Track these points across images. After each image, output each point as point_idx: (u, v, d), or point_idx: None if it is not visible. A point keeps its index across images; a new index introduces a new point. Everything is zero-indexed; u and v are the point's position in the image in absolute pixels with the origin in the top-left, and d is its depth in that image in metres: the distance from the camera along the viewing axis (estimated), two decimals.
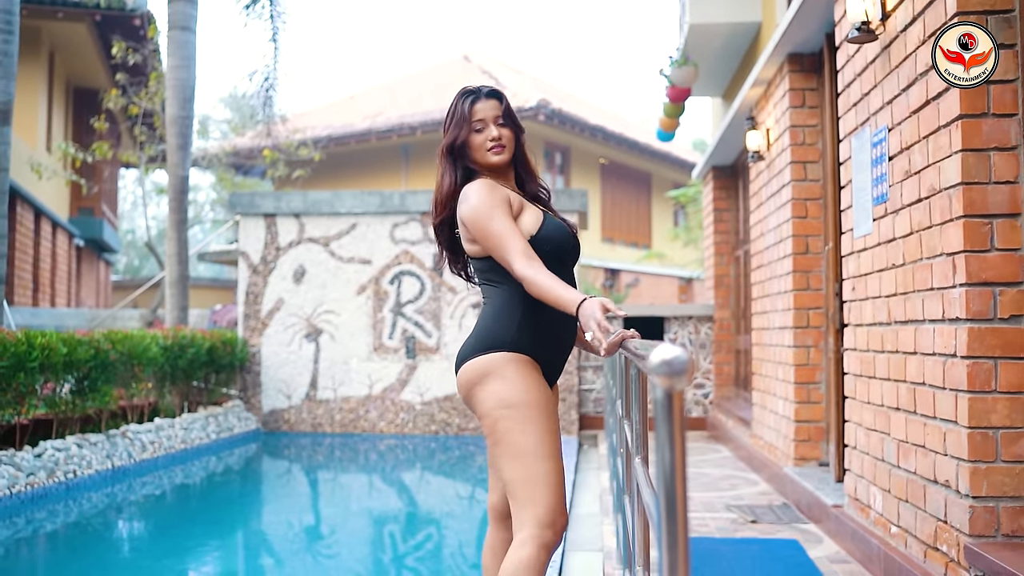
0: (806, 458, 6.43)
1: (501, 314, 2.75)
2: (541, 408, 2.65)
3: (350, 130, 20.93)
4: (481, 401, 2.69)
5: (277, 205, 11.43)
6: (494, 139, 2.80)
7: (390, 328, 11.34)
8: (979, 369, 3.44)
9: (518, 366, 2.68)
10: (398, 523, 7.46)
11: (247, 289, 11.44)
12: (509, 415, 2.62)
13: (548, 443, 2.62)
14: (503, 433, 2.63)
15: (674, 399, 1.30)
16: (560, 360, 2.85)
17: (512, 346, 2.70)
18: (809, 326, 6.42)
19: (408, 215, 11.39)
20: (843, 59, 4.97)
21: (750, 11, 7.89)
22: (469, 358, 2.74)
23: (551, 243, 2.75)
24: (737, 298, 10.43)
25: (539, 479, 2.58)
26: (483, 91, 2.85)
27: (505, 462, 2.63)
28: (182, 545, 6.35)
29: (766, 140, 7.15)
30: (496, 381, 2.66)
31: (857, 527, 4.69)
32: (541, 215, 2.81)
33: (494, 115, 2.82)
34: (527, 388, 2.65)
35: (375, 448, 10.83)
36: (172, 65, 11.63)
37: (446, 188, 2.85)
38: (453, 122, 2.82)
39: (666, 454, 1.30)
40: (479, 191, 2.73)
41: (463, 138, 2.81)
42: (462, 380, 2.75)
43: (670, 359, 1.24)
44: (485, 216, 2.68)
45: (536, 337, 2.74)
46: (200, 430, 9.75)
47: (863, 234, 4.66)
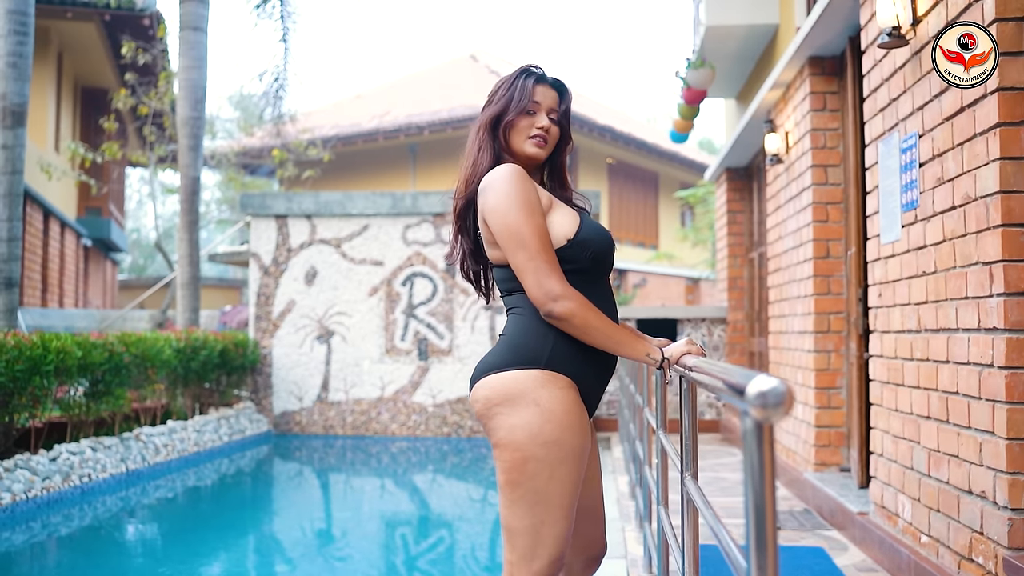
0: (827, 463, 6.39)
1: (535, 323, 2.34)
2: (578, 452, 2.27)
3: (357, 130, 20.89)
4: (505, 430, 2.27)
5: (288, 206, 11.41)
6: (541, 128, 2.47)
7: (402, 330, 11.32)
8: (1018, 380, 3.40)
9: (556, 391, 2.28)
10: (410, 526, 7.43)
11: (258, 290, 11.42)
12: (542, 456, 2.22)
13: (571, 495, 2.27)
14: (528, 476, 2.23)
15: (765, 431, 1.27)
16: (603, 385, 2.47)
17: (548, 363, 2.30)
18: (830, 331, 6.38)
19: (420, 216, 11.36)
20: (869, 63, 4.93)
21: (767, 13, 7.85)
22: (491, 371, 2.34)
23: (591, 248, 2.37)
24: (751, 300, 10.39)
25: (548, 537, 2.25)
26: (548, 77, 2.54)
27: (516, 506, 2.26)
28: (196, 550, 6.33)
29: (785, 143, 7.10)
30: (528, 409, 2.25)
31: (885, 535, 4.65)
32: (577, 216, 2.43)
33: (550, 106, 2.50)
34: (569, 425, 2.26)
35: (387, 450, 10.81)
36: (184, 66, 11.62)
37: (482, 164, 2.49)
38: (507, 96, 2.49)
39: (758, 489, 1.27)
40: (508, 176, 2.35)
41: (513, 115, 2.47)
42: (480, 395, 2.34)
43: (767, 391, 1.20)
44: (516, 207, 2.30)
45: (577, 353, 2.34)
46: (212, 432, 9.73)
47: (891, 240, 4.62)
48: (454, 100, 20.83)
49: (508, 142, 2.51)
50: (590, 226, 2.43)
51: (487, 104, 2.56)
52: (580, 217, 2.44)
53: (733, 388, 1.31)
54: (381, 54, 79.35)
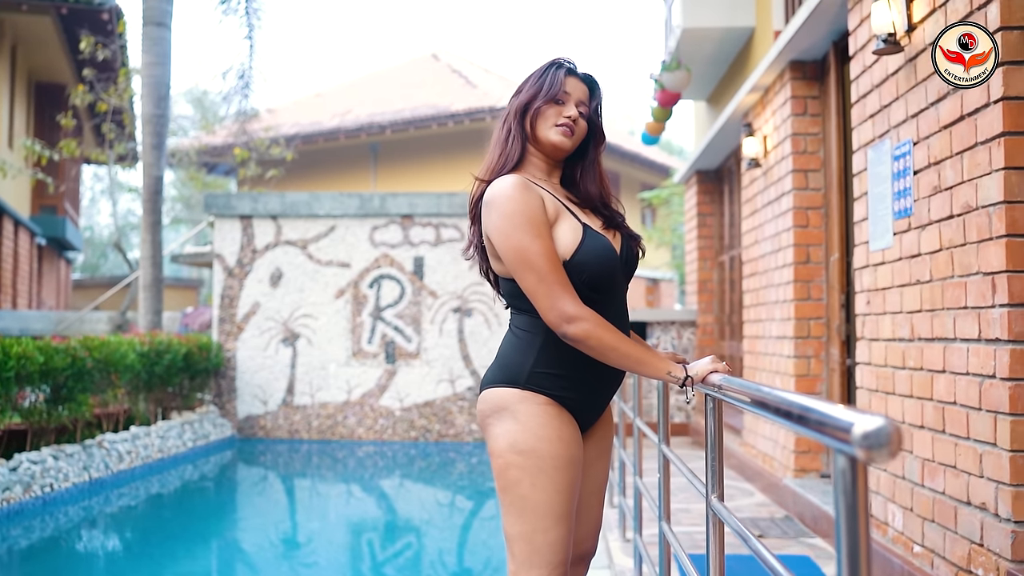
0: (806, 469, 6.37)
1: (521, 344, 2.40)
2: (559, 460, 2.31)
3: (318, 128, 20.66)
4: (492, 438, 2.37)
5: (254, 207, 11.22)
6: (568, 117, 2.43)
7: (369, 332, 11.18)
8: (1022, 391, 3.37)
9: (533, 407, 2.33)
10: (377, 532, 7.34)
11: (222, 292, 11.22)
12: (520, 463, 2.30)
13: (560, 502, 2.30)
14: (512, 482, 2.31)
15: (860, 471, 1.19)
16: (600, 400, 2.48)
17: (527, 384, 2.35)
18: (810, 336, 6.36)
19: (388, 217, 11.23)
20: (858, 69, 4.90)
21: (744, 16, 7.82)
22: (487, 386, 2.43)
23: (586, 273, 2.32)
24: (721, 303, 10.38)
25: (543, 544, 2.29)
26: (580, 71, 2.51)
27: (508, 513, 2.33)
28: (161, 561, 6.18)
29: (763, 147, 7.08)
30: (508, 420, 2.34)
31: (875, 544, 4.62)
32: (581, 229, 2.35)
33: (579, 98, 2.47)
34: (545, 436, 2.31)
35: (353, 455, 10.67)
36: (146, 62, 11.37)
37: (511, 152, 2.45)
38: (537, 84, 2.46)
39: (853, 533, 1.19)
40: (511, 194, 2.30)
41: (541, 102, 2.43)
42: (479, 409, 2.44)
43: (873, 431, 1.12)
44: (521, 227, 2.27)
45: (561, 375, 2.37)
46: (176, 438, 9.53)
47: (882, 247, 4.58)
48: (416, 99, 20.67)
49: (534, 130, 2.45)
50: (592, 245, 2.35)
51: (516, 93, 2.52)
52: (584, 233, 2.36)
53: (827, 424, 1.23)
54: (341, 52, 78.86)
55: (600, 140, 2.56)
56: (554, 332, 2.29)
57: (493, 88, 20.77)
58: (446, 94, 20.29)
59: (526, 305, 2.38)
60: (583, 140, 2.54)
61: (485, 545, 7.05)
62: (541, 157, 2.50)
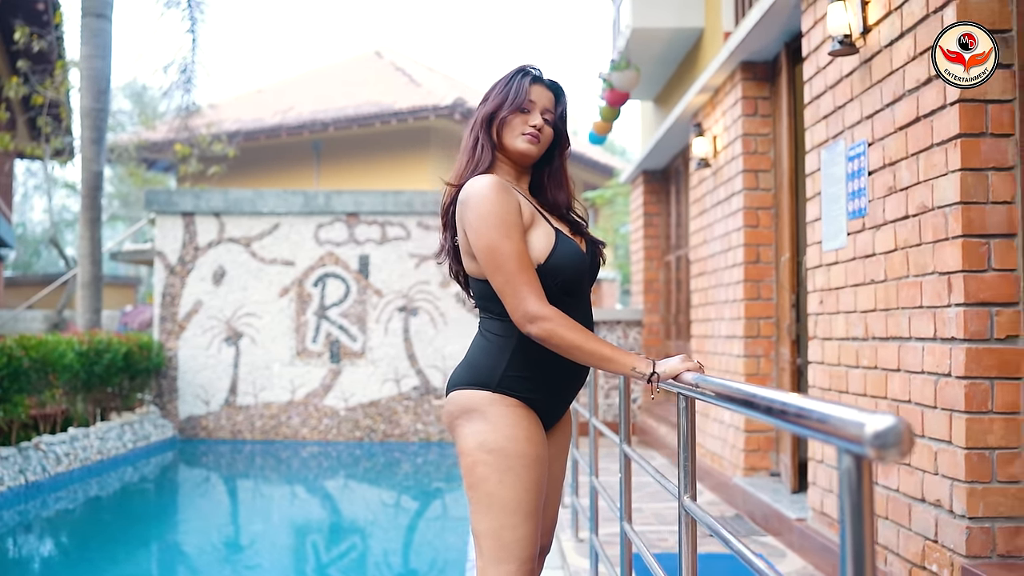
0: (756, 468, 6.41)
1: (493, 347, 2.44)
2: (527, 459, 2.37)
3: (260, 125, 20.36)
4: (461, 438, 2.42)
5: (196, 204, 11.03)
6: (534, 126, 2.48)
7: (314, 332, 11.05)
8: (976, 390, 3.41)
9: (504, 408, 2.39)
10: (322, 533, 7.26)
11: (164, 291, 11.01)
12: (488, 461, 2.35)
13: (527, 500, 2.35)
14: (479, 479, 2.36)
15: (865, 471, 1.17)
16: (565, 401, 2.56)
17: (498, 387, 2.40)
18: (760, 336, 6.41)
19: (333, 215, 11.11)
20: (812, 70, 4.94)
21: (693, 17, 7.86)
22: (454, 388, 2.47)
23: (559, 277, 2.39)
24: (667, 303, 10.44)
25: (511, 541, 2.34)
26: (545, 79, 2.56)
27: (476, 510, 2.38)
28: (101, 566, 6.04)
29: (713, 147, 7.12)
30: (478, 421, 2.39)
31: (827, 542, 4.66)
32: (554, 235, 2.42)
33: (545, 106, 2.51)
34: (513, 436, 2.36)
35: (297, 455, 10.54)
36: (86, 55, 11.10)
37: (476, 161, 2.49)
38: (504, 93, 2.50)
39: (857, 534, 1.17)
40: (487, 194, 2.34)
41: (507, 112, 2.47)
42: (446, 410, 2.49)
43: (884, 430, 1.10)
44: (494, 227, 2.31)
45: (531, 378, 2.43)
46: (116, 439, 9.32)
47: (835, 247, 4.62)
48: (359, 97, 20.48)
49: (501, 138, 2.51)
50: (564, 250, 2.41)
51: (482, 101, 2.56)
52: (556, 238, 2.42)
53: (831, 424, 1.21)
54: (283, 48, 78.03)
55: (565, 146, 2.63)
56: (524, 337, 2.37)
57: (437, 87, 20.66)
58: (390, 92, 20.14)
59: (497, 308, 2.43)
60: (549, 146, 2.60)
61: (431, 546, 7.01)
62: (509, 163, 2.55)
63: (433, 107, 18.07)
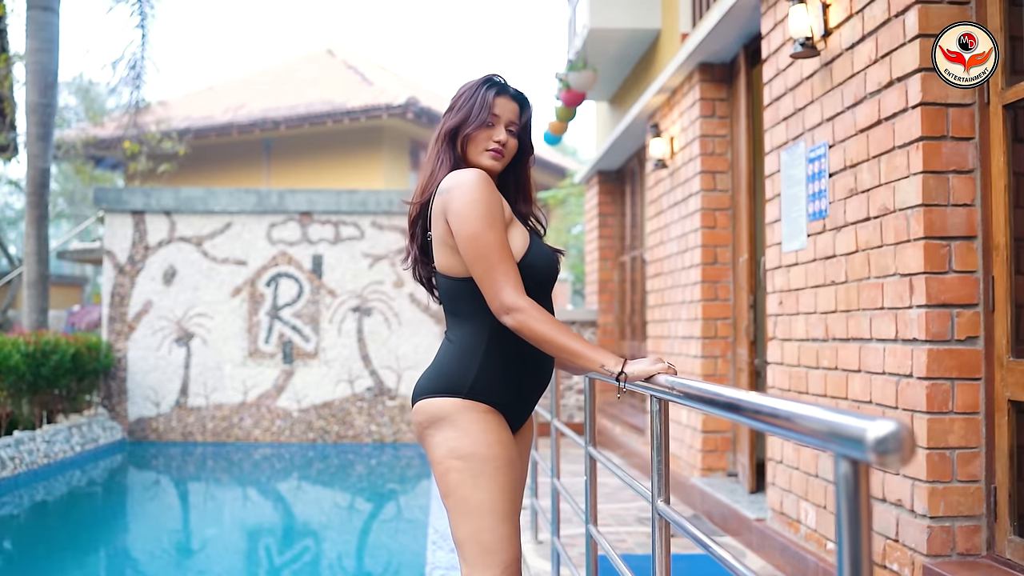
0: (713, 468, 6.44)
1: (462, 354, 2.44)
2: (498, 462, 2.38)
3: (211, 123, 20.09)
4: (432, 447, 2.42)
5: (146, 202, 10.85)
6: (498, 142, 2.49)
7: (266, 332, 10.92)
8: (937, 390, 3.45)
9: (474, 415, 2.40)
10: (275, 537, 7.18)
11: (112, 290, 10.82)
12: (460, 467, 2.36)
13: (503, 501, 2.37)
14: (453, 486, 2.37)
15: (863, 475, 1.16)
16: (531, 402, 2.57)
17: (469, 394, 2.41)
18: (717, 336, 6.44)
19: (286, 215, 10.99)
20: (771, 72, 4.96)
21: (650, 18, 7.88)
22: (422, 396, 2.46)
23: (536, 275, 2.43)
24: (622, 303, 10.46)
25: (492, 543, 2.34)
26: (510, 89, 2.55)
27: (454, 517, 2.38)
28: (48, 574, 5.89)
29: (670, 148, 7.14)
30: (447, 428, 2.39)
31: (787, 542, 4.68)
32: (528, 236, 2.48)
33: (510, 119, 2.52)
34: (484, 441, 2.37)
35: (250, 458, 10.42)
36: (32, 48, 10.85)
37: (439, 174, 2.48)
38: (468, 106, 2.49)
39: (854, 540, 1.16)
40: (476, 183, 2.35)
41: (473, 128, 2.47)
42: (414, 420, 2.49)
43: (886, 436, 1.09)
44: (480, 217, 2.32)
45: (501, 382, 2.44)
46: (63, 442, 9.14)
47: (795, 249, 4.65)
48: (311, 95, 20.29)
49: (465, 153, 2.52)
50: (538, 251, 2.47)
51: (447, 112, 2.55)
52: (530, 239, 2.48)
53: (824, 430, 1.19)
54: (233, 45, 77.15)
55: (529, 154, 2.64)
56: (494, 341, 2.41)
57: (390, 85, 20.54)
58: (341, 91, 19.98)
59: (468, 308, 2.45)
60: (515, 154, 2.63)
61: (386, 548, 6.96)
62: None
63: (386, 106, 17.96)
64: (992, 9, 3.45)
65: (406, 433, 10.90)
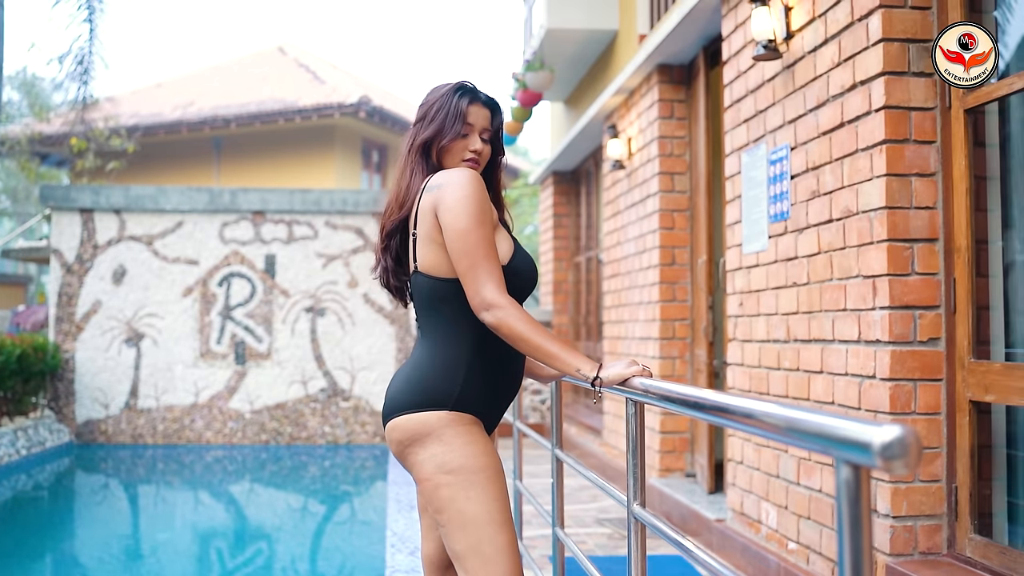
0: (671, 469, 6.46)
1: (447, 363, 2.38)
2: (489, 472, 2.34)
3: (160, 120, 19.80)
4: (418, 465, 2.36)
5: (95, 200, 10.65)
6: (474, 151, 2.47)
7: (218, 332, 10.78)
8: (900, 391, 3.48)
9: (460, 428, 2.35)
10: (227, 541, 7.09)
11: (60, 290, 10.60)
12: (450, 482, 2.31)
13: (497, 510, 2.32)
14: (446, 501, 2.31)
15: (864, 481, 1.15)
16: (504, 408, 2.54)
17: (455, 405, 2.35)
18: (675, 337, 6.46)
19: (239, 214, 10.85)
20: (732, 74, 4.98)
21: (608, 19, 7.89)
22: (400, 412, 2.38)
23: (519, 279, 2.42)
24: (577, 304, 10.48)
25: (491, 552, 2.29)
26: (481, 95, 2.53)
27: (451, 532, 2.32)
28: None
29: (628, 149, 7.15)
30: (434, 444, 2.33)
31: (748, 542, 4.71)
32: (512, 241, 2.48)
33: (483, 126, 2.50)
34: (472, 453, 2.33)
35: (201, 460, 10.27)
36: None
37: (414, 188, 2.45)
38: (442, 116, 2.46)
39: (856, 545, 1.15)
40: (469, 180, 2.33)
41: (448, 140, 2.45)
42: (393, 438, 2.40)
43: (890, 442, 1.08)
44: (472, 214, 2.29)
45: (483, 391, 2.41)
46: (8, 446, 8.94)
47: (756, 250, 4.67)
48: (262, 93, 20.09)
49: (441, 164, 2.50)
50: (522, 256, 2.47)
51: (419, 121, 2.53)
52: (515, 244, 2.47)
53: (834, 435, 1.18)
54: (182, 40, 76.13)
55: (501, 156, 2.63)
56: (478, 347, 2.37)
57: (342, 84, 20.40)
58: (293, 89, 19.80)
59: (450, 309, 2.39)
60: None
61: (342, 551, 6.89)
62: None
63: (338, 105, 17.84)
64: (953, 15, 3.49)
65: (360, 434, 10.82)
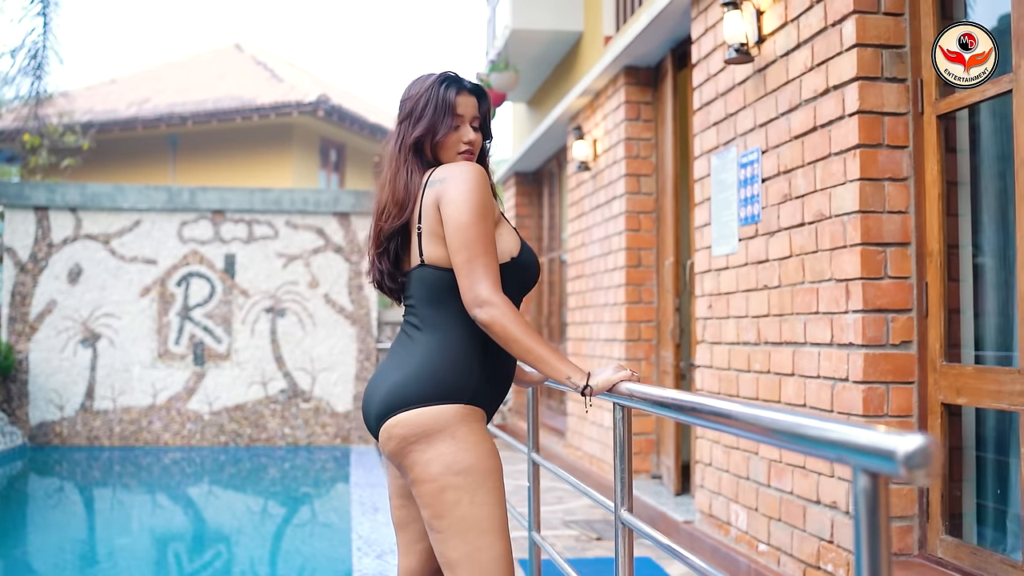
0: (637, 471, 6.48)
1: (459, 355, 2.28)
2: (497, 475, 2.25)
3: (114, 117, 19.53)
4: (421, 465, 2.22)
5: (50, 197, 10.46)
6: (468, 142, 2.41)
7: (177, 333, 10.63)
8: (873, 394, 3.51)
9: (473, 424, 2.24)
10: (186, 544, 6.99)
11: (13, 289, 10.40)
12: (459, 483, 2.19)
13: (498, 517, 2.24)
14: (449, 505, 2.20)
15: (882, 490, 1.15)
16: (499, 406, 2.46)
17: (471, 399, 2.25)
18: (641, 339, 6.47)
19: (198, 213, 10.71)
20: (701, 77, 5.00)
21: (573, 20, 7.89)
22: (407, 405, 2.24)
23: (525, 273, 2.38)
24: (539, 305, 10.47)
25: (489, 562, 2.21)
26: (466, 83, 2.45)
27: (448, 539, 2.21)
28: None
29: (593, 151, 7.15)
30: (445, 442, 2.21)
31: (717, 544, 4.72)
32: (517, 236, 2.40)
33: (472, 115, 2.44)
34: (484, 452, 2.23)
35: (159, 462, 10.12)
36: None
37: (413, 188, 2.35)
38: (431, 111, 2.39)
39: (875, 549, 1.15)
40: (474, 175, 2.27)
41: (444, 133, 2.38)
42: (395, 433, 2.24)
43: (914, 451, 1.07)
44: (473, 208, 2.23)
45: (491, 386, 2.33)
46: None
47: (726, 253, 4.69)
48: (219, 90, 19.88)
49: (437, 159, 2.43)
50: (529, 252, 2.41)
51: (406, 118, 2.44)
52: (521, 239, 2.41)
53: (854, 443, 1.18)
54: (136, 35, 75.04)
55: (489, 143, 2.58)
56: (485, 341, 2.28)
57: (300, 82, 20.24)
58: (251, 86, 19.62)
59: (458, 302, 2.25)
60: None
61: (306, 555, 6.82)
62: None
63: (296, 103, 17.71)
64: (926, 20, 3.53)
65: (320, 436, 10.73)
